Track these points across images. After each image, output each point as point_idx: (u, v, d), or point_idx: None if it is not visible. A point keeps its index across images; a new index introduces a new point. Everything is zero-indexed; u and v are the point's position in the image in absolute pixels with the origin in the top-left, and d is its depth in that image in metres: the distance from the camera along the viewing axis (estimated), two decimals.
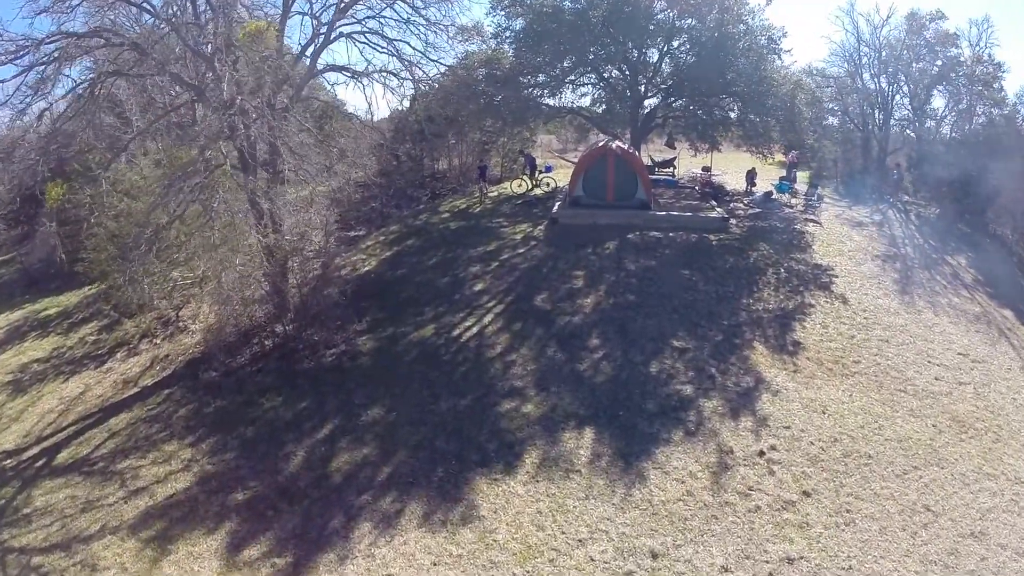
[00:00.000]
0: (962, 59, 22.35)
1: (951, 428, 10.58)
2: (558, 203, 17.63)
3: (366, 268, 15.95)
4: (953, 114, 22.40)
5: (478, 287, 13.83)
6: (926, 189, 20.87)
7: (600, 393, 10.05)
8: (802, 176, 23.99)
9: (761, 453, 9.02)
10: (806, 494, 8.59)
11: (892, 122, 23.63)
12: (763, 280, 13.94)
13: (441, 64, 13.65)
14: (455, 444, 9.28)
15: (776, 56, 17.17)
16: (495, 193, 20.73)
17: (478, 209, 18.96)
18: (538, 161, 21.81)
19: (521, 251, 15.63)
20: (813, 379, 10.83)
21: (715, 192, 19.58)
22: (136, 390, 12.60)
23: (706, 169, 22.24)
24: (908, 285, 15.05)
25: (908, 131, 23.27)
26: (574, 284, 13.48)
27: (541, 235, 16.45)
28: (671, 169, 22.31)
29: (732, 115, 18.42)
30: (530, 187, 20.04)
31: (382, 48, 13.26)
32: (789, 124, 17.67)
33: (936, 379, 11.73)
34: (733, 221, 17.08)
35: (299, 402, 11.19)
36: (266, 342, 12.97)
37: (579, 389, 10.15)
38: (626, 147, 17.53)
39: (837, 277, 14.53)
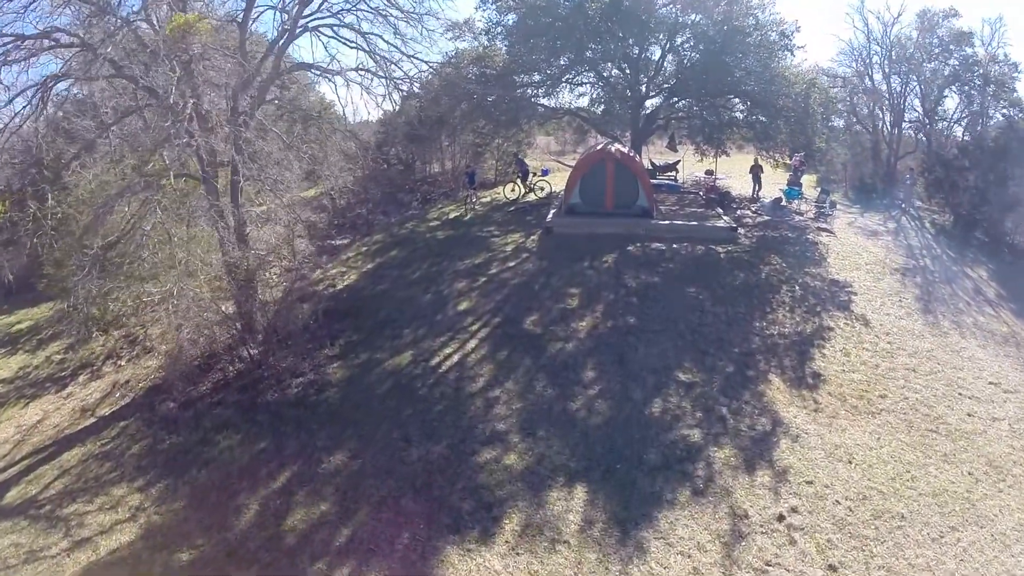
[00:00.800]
0: (977, 59, 20.73)
1: (988, 476, 9.07)
2: (553, 211, 16.12)
3: (345, 282, 14.47)
4: (966, 116, 20.73)
5: (463, 306, 12.33)
6: (939, 195, 19.27)
7: (594, 439, 8.56)
8: (808, 180, 22.42)
9: (780, 517, 7.52)
10: (832, 568, 7.10)
11: (907, 125, 22.04)
12: (777, 299, 12.39)
13: (418, 60, 12.08)
14: (424, 502, 7.79)
15: (788, 52, 15.56)
16: (488, 199, 19.20)
17: (468, 217, 17.46)
18: (534, 165, 20.31)
19: (512, 264, 14.11)
20: (836, 419, 9.33)
21: (721, 198, 18.04)
22: (93, 420, 11.21)
23: (710, 173, 20.68)
24: (930, 302, 13.51)
25: (920, 134, 21.62)
26: (568, 304, 11.96)
27: (534, 246, 14.93)
28: (674, 173, 20.76)
29: (739, 116, 16.76)
30: (523, 192, 18.53)
31: (352, 44, 11.70)
32: (800, 126, 16.08)
33: (969, 415, 10.20)
34: (742, 231, 15.54)
35: (258, 442, 9.73)
36: (230, 368, 11.51)
37: (570, 434, 8.66)
38: (626, 150, 15.99)
39: (856, 295, 12.99)
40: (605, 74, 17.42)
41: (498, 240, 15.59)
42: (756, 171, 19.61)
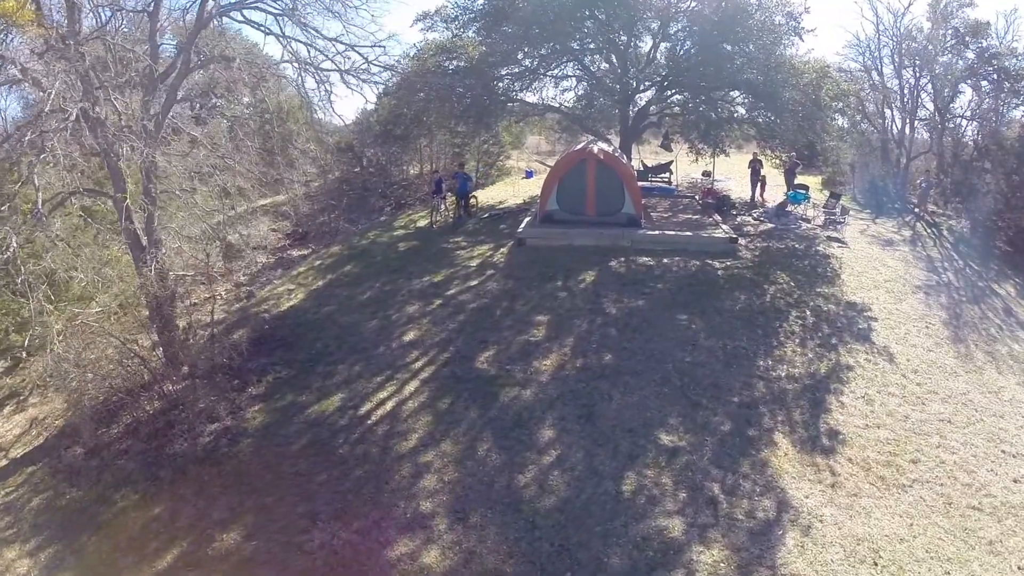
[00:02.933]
0: (996, 51, 17.78)
1: None
2: (527, 219, 13.67)
3: (289, 303, 11.97)
4: (979, 114, 17.81)
5: (410, 336, 9.89)
6: (956, 199, 16.51)
7: (543, 531, 6.15)
8: (812, 182, 19.66)
9: None
10: None
11: (916, 122, 19.17)
12: (785, 328, 9.84)
13: (360, 49, 9.64)
14: None
15: (796, 37, 12.82)
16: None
17: (436, 226, 15.01)
18: (520, 165, 17.73)
19: (473, 284, 11.61)
20: (858, 498, 6.86)
21: (719, 203, 15.45)
22: (5, 462, 9.10)
23: (707, 174, 18.05)
24: (960, 328, 10.88)
25: (932, 133, 18.76)
26: (532, 335, 9.52)
27: (502, 261, 12.49)
28: (667, 175, 18.16)
29: (741, 111, 14.05)
30: (450, 215, 15.18)
31: (266, 30, 9.28)
32: (809, 122, 13.41)
33: (1015, 482, 7.67)
34: (743, 242, 12.99)
35: (154, 506, 7.46)
36: (147, 407, 9.27)
37: (513, 523, 6.25)
38: (611, 149, 13.46)
39: (876, 320, 10.40)
40: (589, 65, 14.72)
41: (463, 253, 13.12)
42: (756, 169, 16.95)
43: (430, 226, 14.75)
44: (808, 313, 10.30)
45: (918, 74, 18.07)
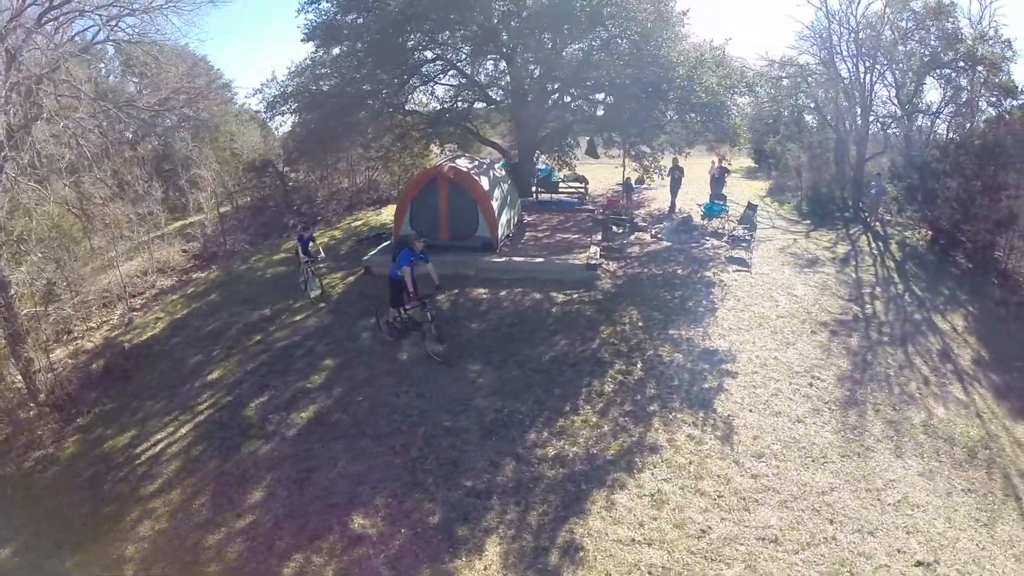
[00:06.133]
0: (960, 35, 13.33)
1: None
2: (381, 246, 11.13)
3: (151, 332, 10.17)
4: (951, 108, 13.38)
5: (215, 375, 7.97)
6: (913, 207, 12.42)
7: None
8: (757, 189, 15.92)
9: None
10: None
11: (875, 119, 14.93)
12: (594, 387, 6.84)
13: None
14: None
15: (666, 25, 9.43)
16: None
17: (315, 249, 12.67)
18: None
19: (297, 319, 9.27)
20: None
21: (615, 218, 12.26)
22: None
23: (629, 185, 14.76)
24: (861, 386, 7.40)
25: (894, 130, 14.52)
26: (310, 381, 7.37)
27: (342, 291, 10.09)
28: (583, 186, 15.03)
29: (599, 111, 10.76)
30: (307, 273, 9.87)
31: None
32: (714, 116, 10.06)
33: None
34: (612, 267, 9.92)
35: None
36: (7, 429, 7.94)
37: None
38: (471, 165, 10.65)
39: (735, 376, 7.21)
40: (457, 63, 11.69)
41: (317, 281, 10.86)
42: (676, 177, 13.59)
43: (314, 302, 9.71)
44: (639, 366, 7.22)
45: (869, 63, 13.91)
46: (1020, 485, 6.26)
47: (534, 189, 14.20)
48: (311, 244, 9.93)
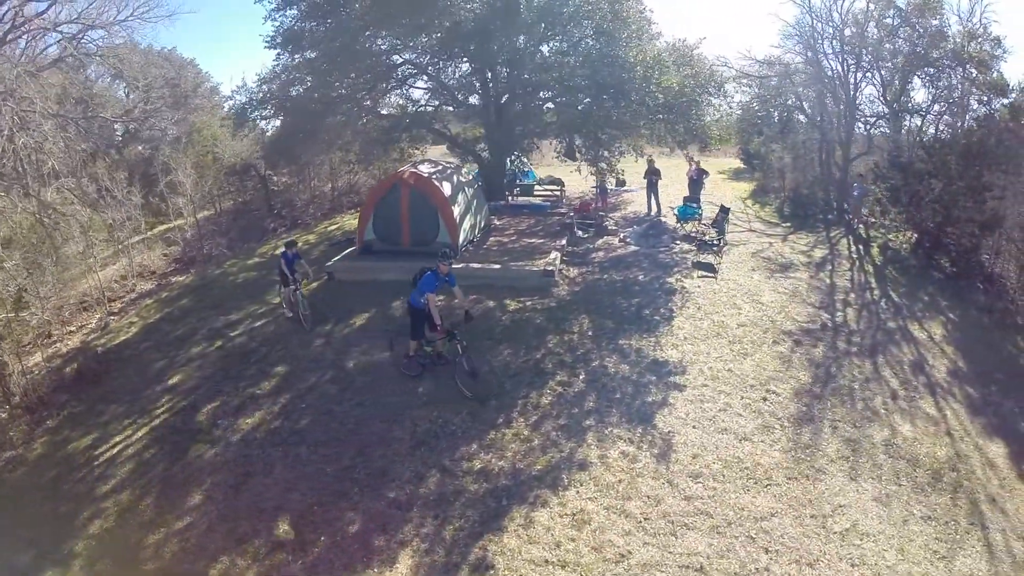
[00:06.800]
0: (948, 32, 12.46)
1: None
2: (346, 251, 10.80)
3: (125, 336, 10.03)
4: (942, 107, 12.49)
5: (175, 379, 7.81)
6: (897, 209, 11.62)
7: None
8: (741, 190, 15.24)
9: None
10: None
11: (863, 119, 14.09)
12: (531, 399, 6.41)
13: None
14: None
15: (623, 26, 8.86)
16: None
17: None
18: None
19: (259, 325, 9.03)
20: None
21: (581, 222, 11.70)
22: None
23: (604, 188, 14.22)
24: (819, 401, 6.80)
25: (880, 131, 13.68)
26: (260, 388, 7.11)
27: (303, 298, 9.80)
28: (559, 189, 14.53)
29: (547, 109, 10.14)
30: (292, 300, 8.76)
31: None
32: (682, 117, 9.49)
33: None
34: (572, 273, 9.44)
35: None
36: None
37: None
38: (433, 171, 10.25)
39: (683, 389, 6.69)
40: (436, 74, 11.34)
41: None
42: (652, 180, 13.02)
43: (309, 330, 8.49)
44: (581, 377, 6.74)
45: (853, 61, 13.12)
46: (988, 512, 5.63)
47: (508, 192, 13.76)
48: (298, 263, 8.49)
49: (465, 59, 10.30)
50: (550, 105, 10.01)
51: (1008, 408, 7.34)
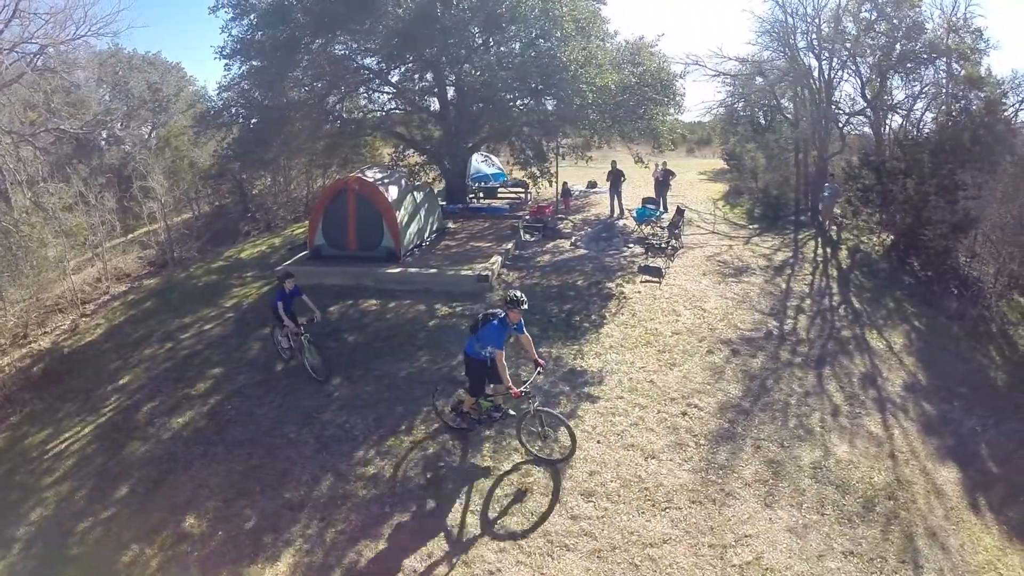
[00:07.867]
0: (927, 25, 11.37)
1: None
2: (300, 255, 10.45)
3: (91, 336, 9.98)
4: (926, 101, 11.38)
5: (123, 381, 7.65)
6: (870, 209, 10.60)
7: None
8: (713, 192, 14.36)
9: None
10: None
11: (841, 116, 13.04)
12: (434, 412, 6.00)
13: None
14: None
15: (556, 26, 8.19)
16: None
17: (251, 256, 12.17)
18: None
19: (208, 328, 8.78)
20: None
21: (528, 226, 10.91)
22: None
23: (568, 191, 13.53)
24: (747, 417, 6.08)
25: (858, 130, 12.62)
26: (195, 389, 6.93)
27: (255, 301, 9.48)
28: (523, 191, 13.92)
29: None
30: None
31: None
32: (629, 115, 8.81)
33: None
34: (511, 278, 8.85)
35: None
36: None
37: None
38: (378, 177, 9.81)
39: (595, 400, 6.05)
40: (387, 76, 10.87)
41: (238, 291, 10.27)
42: (616, 180, 12.33)
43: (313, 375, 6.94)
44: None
45: (828, 56, 12.12)
46: (924, 548, 4.84)
47: (470, 195, 13.24)
48: (298, 301, 6.70)
49: (411, 61, 9.86)
50: (491, 107, 9.42)
51: (968, 427, 6.48)
